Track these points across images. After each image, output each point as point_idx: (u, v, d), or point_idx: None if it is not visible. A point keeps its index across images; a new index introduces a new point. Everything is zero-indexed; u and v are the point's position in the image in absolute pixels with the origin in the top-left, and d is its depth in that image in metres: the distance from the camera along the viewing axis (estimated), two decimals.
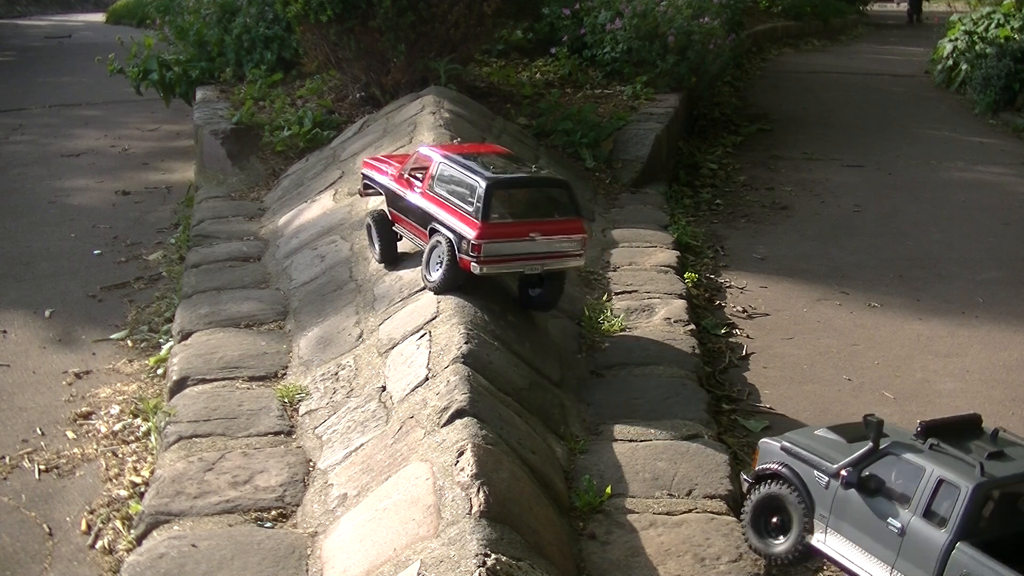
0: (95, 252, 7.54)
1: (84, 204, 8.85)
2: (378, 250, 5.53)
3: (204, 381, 4.76)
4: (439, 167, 4.95)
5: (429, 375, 4.15)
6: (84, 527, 4.05)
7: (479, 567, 2.94)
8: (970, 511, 3.05)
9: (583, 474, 4.03)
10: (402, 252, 5.51)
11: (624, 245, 7.03)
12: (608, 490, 3.93)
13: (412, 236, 5.22)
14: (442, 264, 4.75)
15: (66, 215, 8.47)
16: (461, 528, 3.16)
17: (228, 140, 8.83)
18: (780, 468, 3.60)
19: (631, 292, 6.06)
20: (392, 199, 5.39)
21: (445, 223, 4.74)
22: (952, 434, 3.31)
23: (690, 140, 11.03)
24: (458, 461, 3.46)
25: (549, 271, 4.82)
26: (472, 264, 4.58)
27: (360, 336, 4.95)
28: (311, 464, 4.06)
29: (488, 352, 4.35)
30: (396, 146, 7.10)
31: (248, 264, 6.54)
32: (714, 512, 3.85)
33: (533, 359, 4.73)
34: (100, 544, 3.92)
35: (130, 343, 5.89)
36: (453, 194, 4.78)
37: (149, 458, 4.47)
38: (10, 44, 21.03)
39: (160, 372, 5.36)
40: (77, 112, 13.12)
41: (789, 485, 3.55)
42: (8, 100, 13.76)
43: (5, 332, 6.03)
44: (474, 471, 3.38)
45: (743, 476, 3.86)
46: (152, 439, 4.59)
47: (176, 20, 11.50)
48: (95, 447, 4.69)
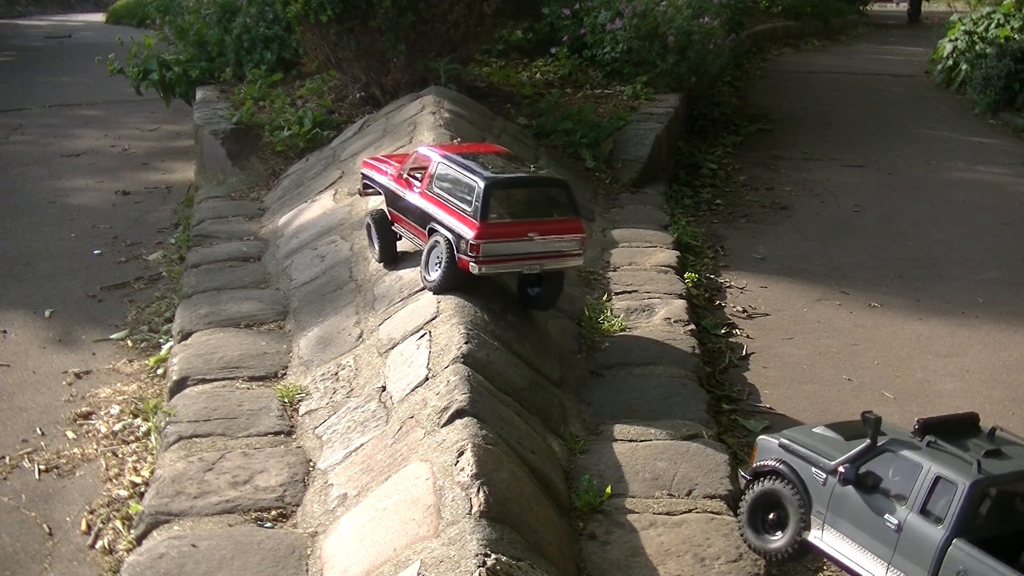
0: (95, 252, 7.54)
1: (84, 204, 8.85)
2: (377, 250, 5.53)
3: (204, 381, 4.77)
4: (438, 167, 4.95)
5: (429, 375, 4.15)
6: (84, 527, 4.05)
7: (479, 567, 2.94)
8: (967, 508, 3.06)
9: (583, 474, 4.03)
10: (402, 252, 5.51)
11: (624, 245, 7.03)
12: (608, 490, 3.93)
13: (411, 236, 5.21)
14: (441, 264, 4.75)
15: (66, 215, 8.47)
16: (461, 528, 3.16)
17: (228, 140, 8.83)
18: (778, 465, 3.60)
19: (631, 292, 6.06)
20: (391, 199, 5.39)
21: (444, 223, 4.74)
22: (950, 432, 3.31)
23: (690, 140, 11.03)
24: (458, 461, 3.46)
25: (548, 271, 4.82)
26: (471, 264, 4.58)
27: (360, 336, 4.95)
28: (311, 464, 4.06)
29: (488, 352, 4.35)
30: (396, 146, 7.09)
31: (248, 264, 6.55)
32: (714, 512, 3.86)
33: (533, 359, 4.73)
34: (100, 544, 3.92)
35: (130, 343, 5.89)
36: (452, 194, 4.78)
37: (149, 458, 4.47)
38: (10, 44, 21.02)
39: (160, 372, 5.36)
40: (77, 112, 13.12)
41: (786, 481, 3.56)
42: (8, 100, 13.75)
43: (5, 332, 6.03)
44: (474, 471, 3.38)
45: (740, 472, 3.87)
46: (152, 439, 4.59)
47: (176, 20, 11.50)
48: (95, 447, 4.69)
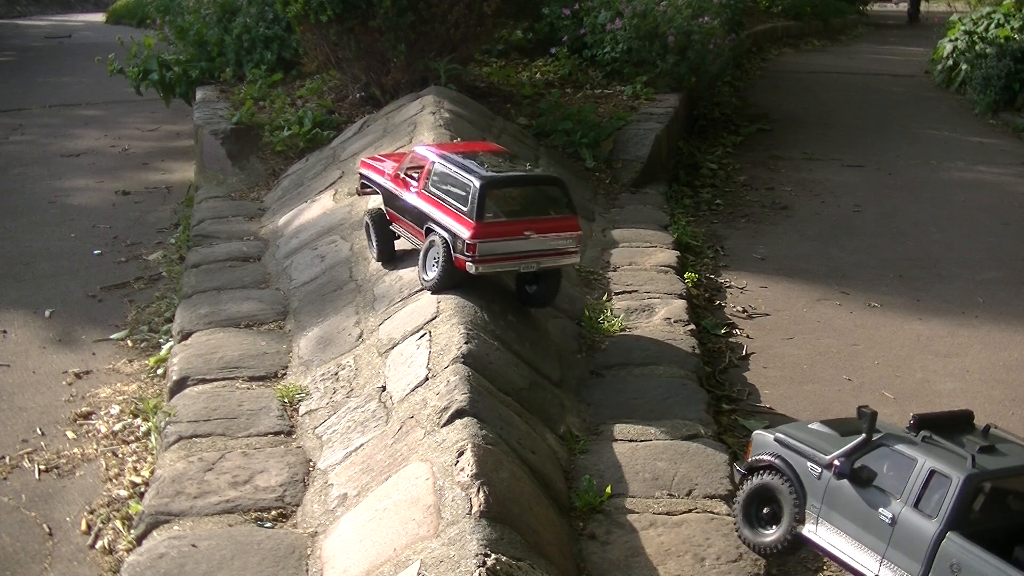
0: (95, 252, 7.54)
1: (84, 204, 8.85)
2: (376, 249, 5.53)
3: (204, 381, 4.77)
4: (434, 166, 4.95)
5: (429, 375, 4.15)
6: (84, 527, 4.05)
7: (479, 567, 2.94)
8: (961, 502, 3.07)
9: (583, 474, 4.03)
10: (403, 251, 5.51)
11: (624, 245, 7.03)
12: (608, 490, 3.93)
13: (409, 236, 5.21)
14: (438, 264, 4.75)
15: (66, 215, 8.47)
16: (461, 528, 3.16)
17: (228, 140, 8.83)
18: (773, 459, 3.62)
19: (631, 292, 6.06)
20: (389, 199, 5.39)
21: (440, 223, 4.74)
22: (944, 428, 3.33)
23: (690, 140, 11.03)
24: (458, 461, 3.46)
25: (544, 269, 4.82)
26: (467, 264, 4.58)
27: (360, 336, 4.95)
28: (311, 464, 4.06)
29: (488, 352, 4.35)
30: (396, 146, 7.09)
31: (248, 264, 6.55)
32: (714, 512, 3.86)
33: (533, 359, 4.73)
34: (100, 544, 3.92)
35: (130, 343, 5.89)
36: (448, 193, 4.77)
37: (149, 458, 4.47)
38: (10, 44, 21.03)
39: (160, 372, 5.36)
40: (77, 112, 13.12)
41: (782, 476, 3.57)
42: (8, 100, 13.75)
43: (5, 332, 6.03)
44: (474, 471, 3.38)
45: (736, 467, 3.88)
46: (152, 439, 4.59)
47: (176, 20, 11.50)
48: (95, 447, 4.69)
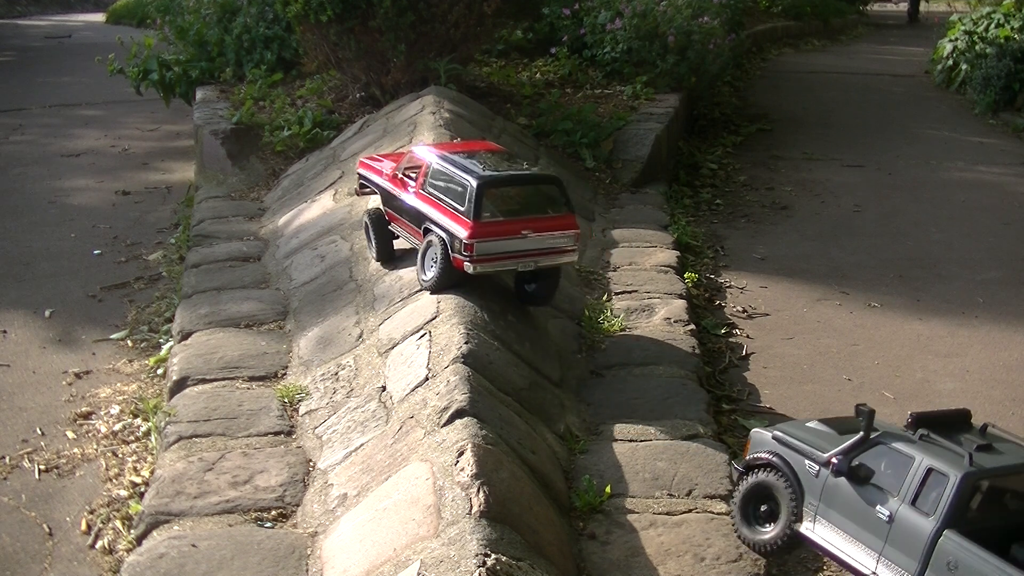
0: (95, 252, 7.54)
1: (84, 204, 8.85)
2: (375, 249, 5.53)
3: (204, 381, 4.77)
4: (431, 166, 4.95)
5: (429, 375, 4.15)
6: (84, 527, 4.05)
7: (479, 567, 2.94)
8: (958, 500, 3.07)
9: (583, 474, 4.03)
10: (403, 251, 5.51)
11: (624, 245, 7.03)
12: (608, 490, 3.93)
13: (408, 235, 5.21)
14: (436, 264, 4.75)
15: (66, 215, 8.47)
16: (461, 528, 3.16)
17: (228, 140, 8.83)
18: (771, 457, 3.62)
19: (631, 292, 6.06)
20: (387, 199, 5.39)
21: (438, 223, 4.74)
22: (942, 427, 3.34)
23: (690, 140, 11.03)
24: (458, 461, 3.46)
25: (542, 267, 4.82)
26: (465, 263, 4.58)
27: (360, 336, 4.95)
28: (311, 464, 4.06)
29: (488, 352, 4.35)
30: (396, 146, 7.09)
31: (248, 264, 6.55)
32: (714, 512, 3.86)
33: (533, 359, 4.73)
34: (100, 544, 3.92)
35: (130, 343, 5.89)
36: (445, 193, 4.77)
37: (149, 458, 4.47)
38: (10, 44, 21.02)
39: (160, 372, 5.36)
40: (77, 112, 13.12)
41: (779, 473, 3.57)
42: (8, 100, 13.75)
43: (5, 332, 6.03)
44: (474, 471, 3.38)
45: (733, 465, 3.88)
46: (152, 439, 4.59)
47: (176, 20, 11.50)
48: (95, 447, 4.69)
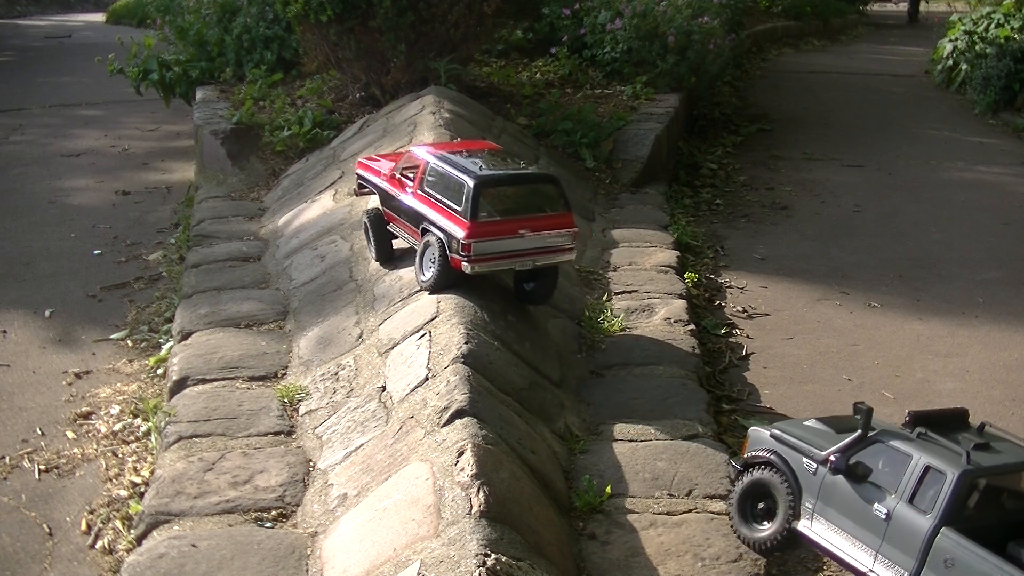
0: (95, 252, 7.54)
1: (84, 204, 8.85)
2: (374, 249, 5.53)
3: (204, 381, 4.77)
4: (429, 166, 4.95)
5: (429, 375, 4.15)
6: (84, 527, 4.05)
7: (479, 567, 2.94)
8: (955, 498, 3.08)
9: (583, 474, 4.03)
10: (403, 250, 5.50)
11: (624, 245, 7.03)
12: (608, 490, 3.93)
13: (406, 236, 5.21)
14: (434, 264, 4.75)
15: (66, 215, 8.47)
16: (461, 528, 3.16)
17: (228, 140, 8.83)
18: (769, 455, 3.63)
19: (631, 292, 6.06)
20: (385, 199, 5.39)
21: (436, 223, 4.74)
22: (940, 425, 3.35)
23: (690, 140, 11.03)
24: (458, 461, 3.46)
25: (540, 266, 4.82)
26: (463, 263, 4.58)
27: (360, 336, 4.95)
28: (311, 464, 4.06)
29: (488, 352, 4.35)
30: (396, 146, 7.09)
31: (248, 264, 6.55)
32: (714, 512, 3.86)
33: (533, 359, 4.73)
34: (100, 544, 3.92)
35: (130, 343, 5.89)
36: (443, 193, 4.77)
37: (149, 458, 4.47)
38: (10, 44, 21.03)
39: (160, 372, 5.36)
40: (77, 112, 13.12)
41: (777, 471, 3.58)
42: (8, 100, 13.75)
43: (5, 332, 6.03)
44: (474, 471, 3.38)
45: (731, 463, 3.89)
46: (152, 439, 4.59)
47: (176, 20, 11.50)
48: (95, 447, 4.69)
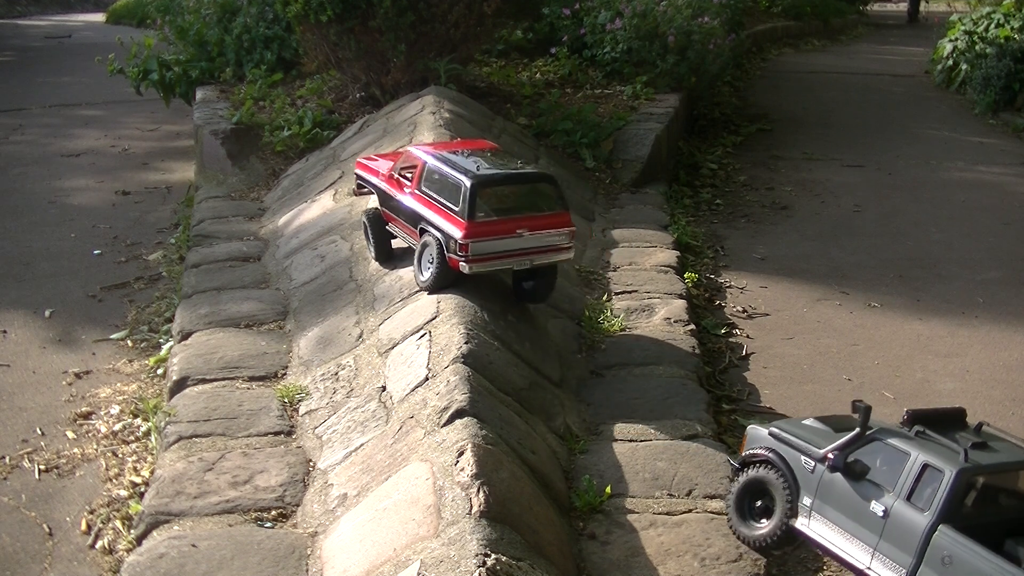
0: (95, 252, 7.54)
1: (84, 204, 8.85)
2: (373, 249, 5.54)
3: (204, 381, 4.77)
4: (426, 166, 4.95)
5: (429, 375, 4.15)
6: (84, 527, 4.05)
7: (479, 567, 2.94)
8: (953, 495, 3.09)
9: (583, 474, 4.03)
10: (403, 250, 5.50)
11: (624, 245, 7.03)
12: (608, 490, 3.93)
13: (405, 236, 5.21)
14: (433, 264, 4.76)
15: (66, 215, 8.47)
16: (461, 528, 3.16)
17: (228, 140, 8.83)
18: (767, 453, 3.63)
19: (631, 292, 6.06)
20: (384, 199, 5.39)
21: (433, 223, 4.74)
22: (937, 424, 3.36)
23: (690, 140, 11.03)
24: (458, 461, 3.46)
25: (538, 266, 4.81)
26: (461, 263, 4.58)
27: (360, 336, 4.95)
28: (311, 464, 4.06)
29: (488, 352, 4.35)
30: (396, 146, 7.09)
31: (248, 264, 6.55)
32: (714, 512, 3.86)
33: (533, 359, 4.73)
34: (100, 544, 3.92)
35: (130, 343, 5.89)
36: (440, 193, 4.77)
37: (149, 458, 4.47)
38: (10, 44, 21.02)
39: (160, 372, 5.36)
40: (77, 112, 13.11)
41: (775, 469, 3.58)
42: (8, 100, 13.75)
43: (5, 332, 6.03)
44: (474, 471, 3.38)
45: (730, 461, 3.89)
46: (152, 439, 4.59)
47: (176, 20, 11.50)
48: (95, 447, 4.69)
